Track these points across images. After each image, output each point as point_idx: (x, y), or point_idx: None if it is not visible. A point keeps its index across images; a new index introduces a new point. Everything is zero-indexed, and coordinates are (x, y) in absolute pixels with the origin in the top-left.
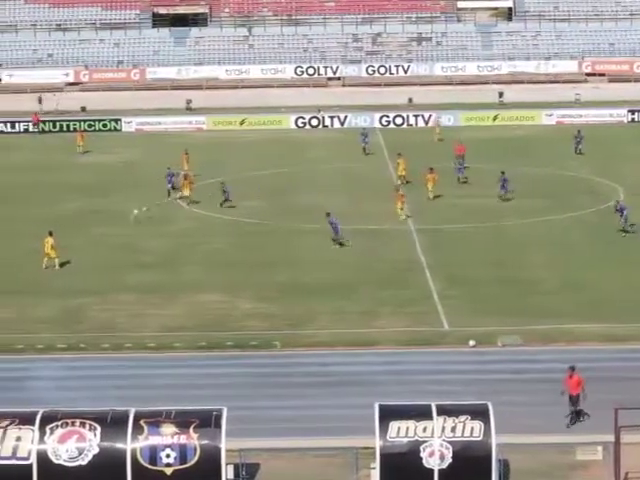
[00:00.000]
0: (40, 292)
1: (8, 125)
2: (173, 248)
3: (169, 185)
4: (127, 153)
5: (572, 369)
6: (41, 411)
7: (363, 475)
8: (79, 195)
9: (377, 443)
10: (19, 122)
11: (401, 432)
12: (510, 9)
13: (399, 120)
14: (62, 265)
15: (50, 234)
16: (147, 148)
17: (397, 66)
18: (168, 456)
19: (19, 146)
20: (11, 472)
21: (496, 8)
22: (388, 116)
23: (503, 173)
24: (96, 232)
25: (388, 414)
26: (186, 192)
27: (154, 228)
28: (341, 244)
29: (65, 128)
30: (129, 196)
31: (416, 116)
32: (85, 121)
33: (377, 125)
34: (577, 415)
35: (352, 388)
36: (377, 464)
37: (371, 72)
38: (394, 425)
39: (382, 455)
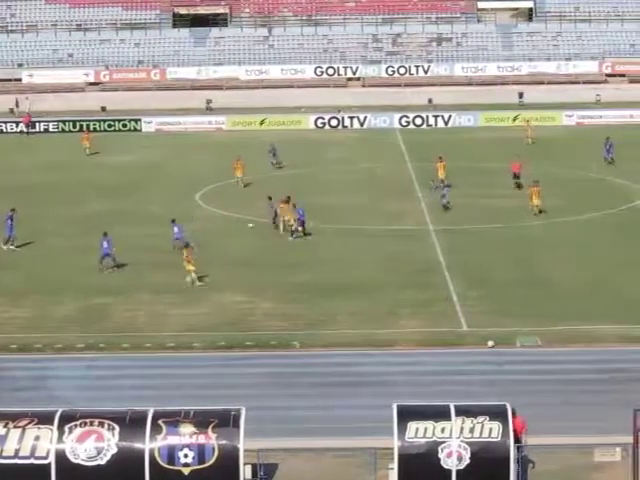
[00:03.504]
0: (60, 292)
1: (24, 125)
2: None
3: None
4: (147, 153)
5: (513, 412)
6: (60, 411)
7: (381, 475)
8: (99, 195)
9: (395, 443)
10: (39, 122)
11: (419, 433)
12: (531, 9)
13: (419, 120)
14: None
15: (186, 246)
16: (167, 148)
17: (417, 66)
18: (186, 456)
19: (38, 146)
20: (29, 471)
21: (517, 8)
22: (408, 116)
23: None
24: (116, 232)
25: (406, 414)
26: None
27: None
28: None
29: (86, 128)
30: (149, 196)
31: (436, 117)
32: (105, 121)
33: (397, 125)
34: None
35: (371, 388)
36: (395, 464)
37: (391, 72)
38: (412, 425)
39: (400, 455)
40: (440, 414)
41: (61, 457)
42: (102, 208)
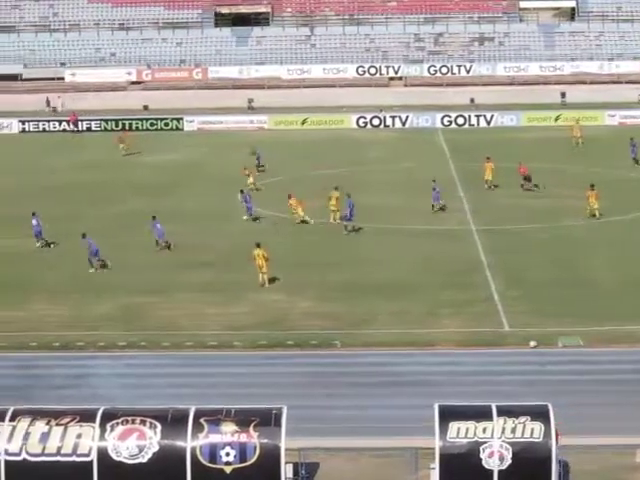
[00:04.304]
0: (101, 290)
1: (71, 124)
2: (234, 247)
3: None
4: (189, 152)
5: None
6: (102, 408)
7: (422, 475)
8: (140, 194)
9: (437, 443)
10: (81, 121)
11: (461, 433)
12: (573, 9)
13: (461, 120)
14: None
15: (258, 246)
16: (209, 147)
17: (459, 66)
18: (228, 454)
19: (81, 145)
20: (72, 469)
21: (559, 8)
22: (450, 116)
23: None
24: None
25: (448, 414)
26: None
27: (213, 226)
28: (168, 247)
29: (128, 127)
30: (190, 195)
31: (478, 116)
32: (147, 120)
33: (439, 125)
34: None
35: (412, 388)
36: (436, 464)
37: (433, 72)
38: (454, 426)
39: (442, 455)
40: (482, 414)
41: (103, 455)
42: (143, 206)
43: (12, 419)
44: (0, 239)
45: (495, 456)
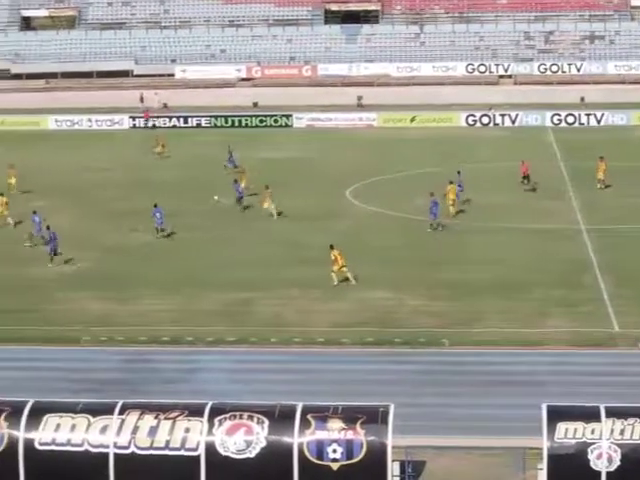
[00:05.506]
0: (208, 285)
1: (181, 120)
2: (340, 244)
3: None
4: (298, 149)
5: None
6: (210, 403)
7: (530, 476)
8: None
9: (544, 444)
10: (191, 117)
11: (569, 433)
12: None
13: (571, 119)
14: None
15: (332, 247)
16: (318, 144)
17: (570, 64)
18: (335, 451)
19: (192, 140)
20: (180, 463)
21: None
22: (560, 115)
23: None
24: (263, 226)
25: (556, 415)
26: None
27: (321, 224)
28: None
29: (237, 124)
30: (299, 192)
31: (588, 115)
32: (256, 116)
33: (548, 124)
34: None
35: (519, 388)
36: (544, 465)
37: (543, 70)
38: (562, 426)
39: (549, 456)
40: (590, 415)
41: (211, 449)
42: (249, 204)
43: (121, 413)
44: (111, 233)
45: (603, 457)
